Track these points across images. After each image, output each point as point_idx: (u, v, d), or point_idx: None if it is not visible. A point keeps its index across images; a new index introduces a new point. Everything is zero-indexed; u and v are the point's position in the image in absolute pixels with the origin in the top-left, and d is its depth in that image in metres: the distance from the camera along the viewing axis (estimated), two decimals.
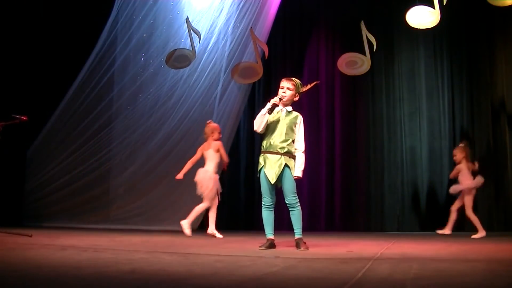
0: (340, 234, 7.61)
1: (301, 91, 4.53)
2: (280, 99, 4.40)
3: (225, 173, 8.26)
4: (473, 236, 6.57)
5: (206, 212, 7.82)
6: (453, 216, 7.02)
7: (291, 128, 4.44)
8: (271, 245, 4.37)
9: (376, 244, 5.09)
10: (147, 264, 3.12)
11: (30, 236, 5.11)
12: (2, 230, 5.50)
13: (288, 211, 4.44)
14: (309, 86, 4.63)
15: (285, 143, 4.38)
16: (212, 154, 6.49)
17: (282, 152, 4.36)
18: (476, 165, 7.02)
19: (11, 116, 5.47)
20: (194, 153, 8.15)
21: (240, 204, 8.68)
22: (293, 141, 4.46)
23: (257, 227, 8.28)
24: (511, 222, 7.75)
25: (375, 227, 8.16)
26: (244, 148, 8.80)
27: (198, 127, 8.23)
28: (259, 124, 4.39)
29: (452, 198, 8.01)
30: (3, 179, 7.92)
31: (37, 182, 8.37)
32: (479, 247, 4.77)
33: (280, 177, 4.35)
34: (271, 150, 4.39)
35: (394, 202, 8.23)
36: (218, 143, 6.54)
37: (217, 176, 6.52)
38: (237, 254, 3.87)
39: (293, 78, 4.54)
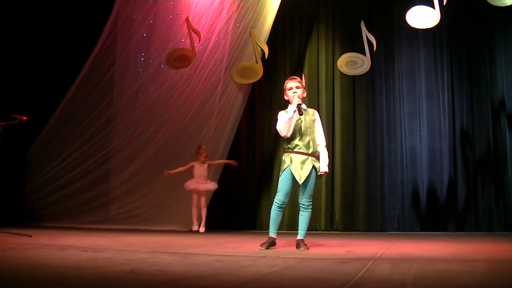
0: (340, 234, 7.62)
1: (305, 85, 4.64)
2: (299, 98, 4.44)
3: (226, 173, 8.28)
4: None
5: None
6: None
7: (311, 126, 4.49)
8: (272, 243, 4.37)
9: (376, 244, 5.09)
10: (147, 264, 3.12)
11: (30, 236, 5.11)
12: (2, 230, 5.50)
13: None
14: (303, 78, 4.74)
15: (310, 142, 4.42)
16: None
17: (309, 152, 4.39)
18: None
19: (11, 116, 5.47)
20: (193, 152, 8.18)
21: (240, 204, 8.68)
22: (315, 138, 4.50)
23: (257, 227, 8.29)
24: (511, 222, 7.75)
25: (375, 227, 8.15)
26: (244, 148, 8.79)
27: (198, 127, 8.23)
28: (287, 128, 4.38)
29: (453, 197, 8.03)
30: (3, 179, 7.92)
31: (37, 182, 8.36)
32: (479, 247, 4.77)
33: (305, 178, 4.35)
34: (297, 150, 4.40)
35: (394, 202, 8.23)
36: None
37: None
38: (237, 254, 3.86)
39: (295, 76, 4.64)
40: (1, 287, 2.20)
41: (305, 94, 4.63)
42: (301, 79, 4.75)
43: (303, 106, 4.54)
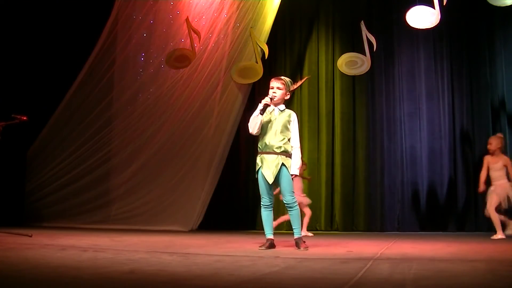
0: (340, 234, 7.62)
1: (291, 88, 4.57)
2: (271, 99, 4.42)
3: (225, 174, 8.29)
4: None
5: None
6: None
7: (285, 127, 4.45)
8: (271, 245, 4.37)
9: (376, 244, 5.09)
10: (147, 264, 3.12)
11: (30, 236, 5.11)
12: (2, 230, 5.50)
13: (287, 212, 4.46)
14: (299, 83, 4.68)
15: (281, 143, 4.39)
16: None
17: (279, 151, 4.38)
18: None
19: (11, 116, 5.47)
20: (193, 152, 8.19)
21: (240, 204, 8.68)
22: (289, 139, 4.46)
23: (257, 227, 8.28)
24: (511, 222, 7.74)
25: (375, 227, 8.15)
26: (244, 148, 8.79)
27: (198, 127, 8.23)
28: (253, 126, 4.41)
29: (453, 197, 8.03)
30: (4, 179, 7.92)
31: (37, 182, 8.37)
32: (479, 247, 4.77)
33: (277, 177, 4.36)
34: (267, 150, 4.40)
35: (394, 202, 8.23)
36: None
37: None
38: (237, 254, 3.86)
39: (282, 77, 4.60)
40: (1, 287, 2.20)
41: (287, 97, 4.55)
42: (298, 81, 4.71)
43: (280, 107, 4.50)
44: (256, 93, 8.77)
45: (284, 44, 8.95)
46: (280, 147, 4.38)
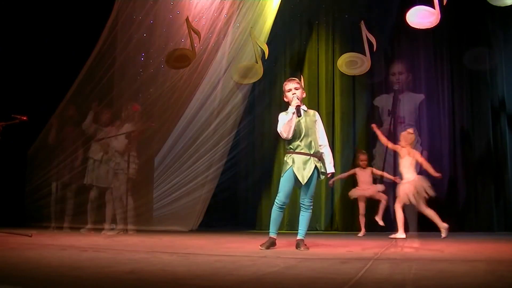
0: (340, 234, 7.62)
1: (303, 85, 4.65)
2: (298, 99, 4.44)
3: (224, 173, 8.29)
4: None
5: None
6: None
7: (313, 126, 4.49)
8: (272, 244, 4.37)
9: (376, 244, 5.10)
10: (147, 264, 3.12)
11: (30, 236, 5.12)
12: (2, 230, 5.51)
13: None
14: (302, 79, 4.76)
15: (312, 143, 4.42)
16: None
17: (311, 152, 4.38)
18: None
19: (11, 116, 5.47)
20: (194, 152, 8.19)
21: (240, 204, 8.69)
22: (317, 139, 4.49)
23: (257, 227, 8.30)
24: (511, 222, 7.75)
25: (375, 227, 8.14)
26: (244, 148, 8.79)
27: (198, 127, 8.23)
28: (288, 130, 4.39)
29: (453, 197, 8.03)
30: (4, 180, 7.92)
31: (37, 182, 8.36)
32: (479, 247, 4.77)
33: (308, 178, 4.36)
34: (300, 150, 4.40)
35: (394, 202, 8.21)
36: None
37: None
38: (237, 254, 3.87)
39: (293, 78, 4.64)
40: (1, 287, 2.20)
41: (304, 95, 4.64)
42: (299, 80, 4.78)
43: (303, 107, 4.54)
44: (256, 93, 8.78)
45: (284, 44, 8.95)
46: (312, 147, 4.41)
